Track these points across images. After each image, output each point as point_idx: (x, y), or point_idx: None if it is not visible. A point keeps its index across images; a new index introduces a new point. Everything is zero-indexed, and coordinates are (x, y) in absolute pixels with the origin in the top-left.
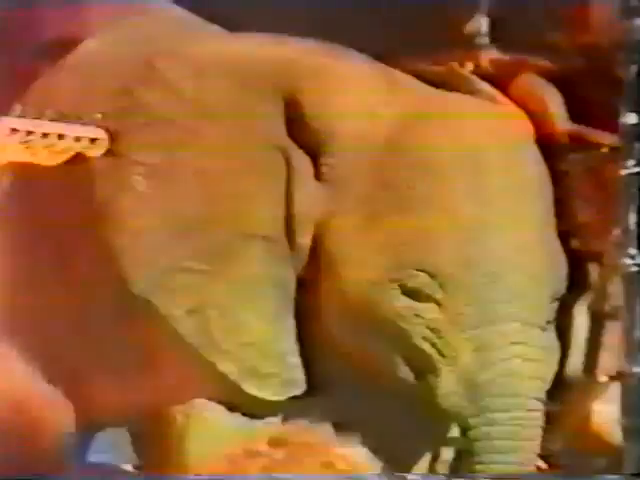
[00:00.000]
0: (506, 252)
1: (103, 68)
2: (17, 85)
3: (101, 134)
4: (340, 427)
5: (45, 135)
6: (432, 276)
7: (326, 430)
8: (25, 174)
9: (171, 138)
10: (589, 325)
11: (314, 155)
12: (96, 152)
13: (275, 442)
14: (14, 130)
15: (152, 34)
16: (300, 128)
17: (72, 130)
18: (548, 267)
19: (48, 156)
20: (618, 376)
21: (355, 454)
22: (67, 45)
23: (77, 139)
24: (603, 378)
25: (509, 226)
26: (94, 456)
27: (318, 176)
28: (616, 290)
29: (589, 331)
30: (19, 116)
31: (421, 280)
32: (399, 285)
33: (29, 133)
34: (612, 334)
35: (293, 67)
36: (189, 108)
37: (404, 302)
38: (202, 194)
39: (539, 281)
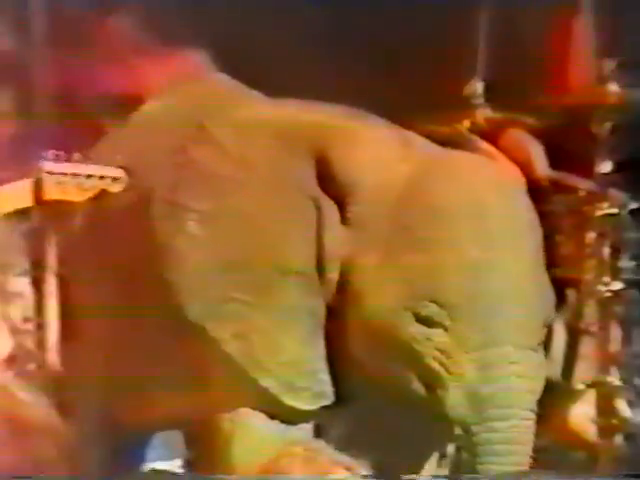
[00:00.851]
0: (504, 286)
1: (162, 128)
2: (81, 135)
3: (121, 173)
4: (362, 431)
5: (75, 175)
6: (441, 306)
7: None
8: (94, 216)
9: (219, 189)
10: (567, 340)
11: (340, 203)
12: (117, 189)
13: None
14: (50, 172)
15: (203, 99)
16: (329, 180)
17: (97, 170)
18: (539, 299)
19: (78, 193)
20: (593, 384)
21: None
22: (130, 103)
23: (101, 177)
24: (580, 385)
25: (507, 264)
26: (153, 452)
27: (344, 221)
28: (590, 311)
29: (567, 345)
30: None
31: (432, 309)
32: (413, 313)
33: (63, 174)
34: (587, 348)
35: (322, 129)
36: (235, 163)
37: (417, 328)
38: (246, 236)
39: (532, 310)
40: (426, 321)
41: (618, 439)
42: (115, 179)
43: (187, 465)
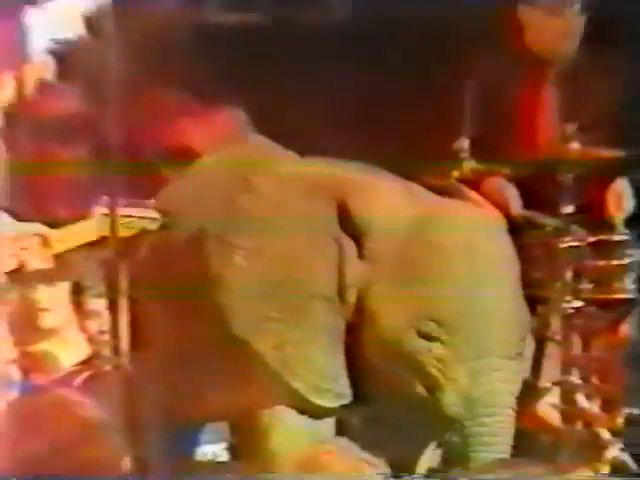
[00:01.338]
0: (491, 308)
1: (214, 179)
2: (148, 184)
3: (156, 214)
4: (373, 424)
5: (124, 216)
6: (439, 325)
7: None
8: (159, 248)
9: (260, 229)
10: (535, 346)
11: (357, 241)
12: (154, 227)
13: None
14: (105, 214)
15: (247, 157)
16: (348, 222)
17: (140, 212)
18: (518, 317)
19: (123, 230)
20: (558, 382)
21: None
22: (188, 156)
23: (141, 218)
24: (547, 383)
25: (493, 290)
26: (205, 437)
27: (360, 255)
28: (556, 323)
29: (535, 350)
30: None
31: (431, 327)
32: (416, 330)
33: (114, 215)
34: (552, 353)
35: (343, 181)
36: (273, 209)
37: (419, 342)
38: (282, 267)
39: (512, 327)
40: (427, 336)
41: (578, 426)
42: (153, 219)
43: (231, 448)
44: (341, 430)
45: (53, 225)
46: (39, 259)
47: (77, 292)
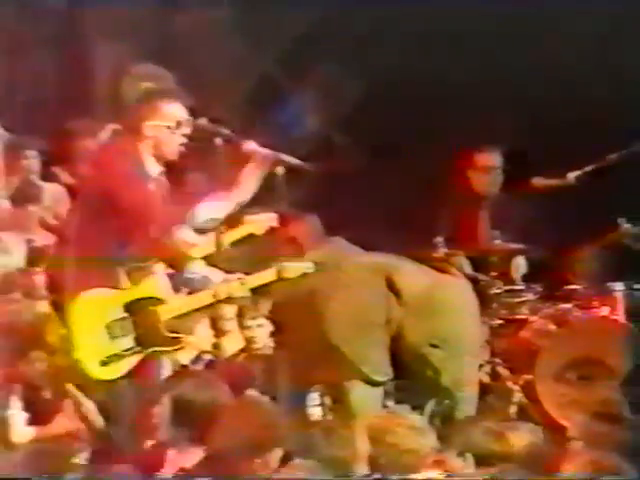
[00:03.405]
0: (469, 332)
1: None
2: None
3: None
4: (402, 391)
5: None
6: (441, 341)
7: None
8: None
9: (348, 292)
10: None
11: (397, 296)
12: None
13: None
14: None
15: (334, 255)
16: (392, 287)
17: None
18: (481, 336)
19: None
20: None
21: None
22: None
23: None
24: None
25: (470, 321)
26: (309, 399)
27: (399, 304)
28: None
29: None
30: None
31: (437, 342)
32: (429, 344)
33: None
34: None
35: (389, 266)
36: (351, 285)
37: (430, 349)
38: (361, 310)
39: (480, 343)
40: (434, 346)
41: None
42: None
43: (322, 404)
44: (385, 394)
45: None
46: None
47: (240, 314)
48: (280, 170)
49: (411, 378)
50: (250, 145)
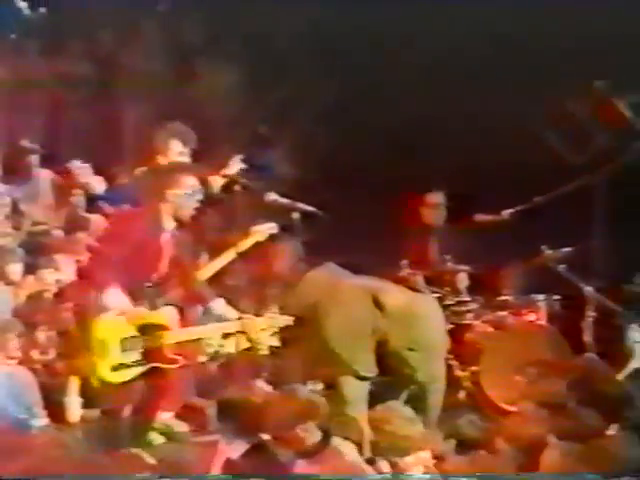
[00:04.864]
0: (439, 337)
1: (314, 290)
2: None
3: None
4: (383, 385)
5: None
6: (417, 347)
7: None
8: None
9: (342, 309)
10: None
11: (382, 311)
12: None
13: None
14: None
15: (329, 276)
16: (378, 304)
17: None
18: (447, 340)
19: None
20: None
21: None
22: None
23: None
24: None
25: (442, 333)
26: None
27: (383, 317)
28: None
29: None
30: None
31: (414, 347)
32: (407, 348)
33: None
34: None
35: (375, 287)
36: (343, 300)
37: (408, 352)
38: (352, 322)
39: (446, 346)
40: (411, 350)
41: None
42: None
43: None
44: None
45: None
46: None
47: None
48: (296, 215)
49: (392, 375)
50: (271, 196)
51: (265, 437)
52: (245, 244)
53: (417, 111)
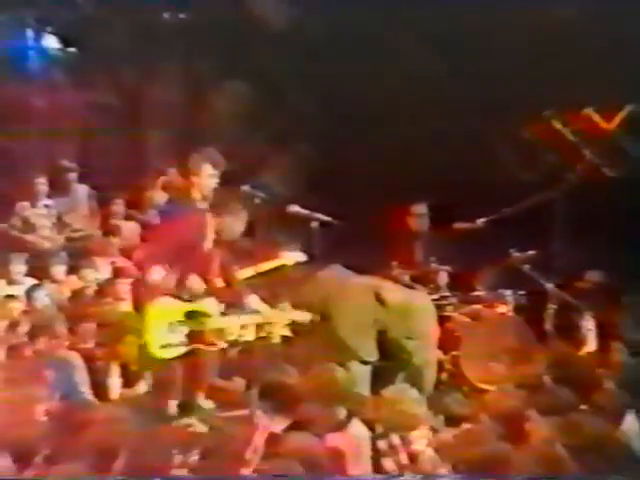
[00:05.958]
0: (431, 330)
1: (321, 286)
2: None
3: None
4: (382, 367)
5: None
6: (413, 335)
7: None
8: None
9: (348, 304)
10: None
11: (382, 305)
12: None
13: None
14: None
15: (336, 276)
16: (379, 299)
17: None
18: (437, 330)
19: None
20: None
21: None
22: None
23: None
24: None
25: (431, 323)
26: None
27: (384, 309)
28: None
29: None
30: None
31: (410, 335)
32: (405, 337)
33: None
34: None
35: (377, 285)
36: (350, 296)
37: (405, 340)
38: (356, 313)
39: (437, 335)
40: (408, 339)
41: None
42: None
43: None
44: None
45: None
46: None
47: None
48: (315, 224)
49: (392, 360)
50: (294, 207)
51: (300, 415)
52: (272, 264)
53: (402, 134)
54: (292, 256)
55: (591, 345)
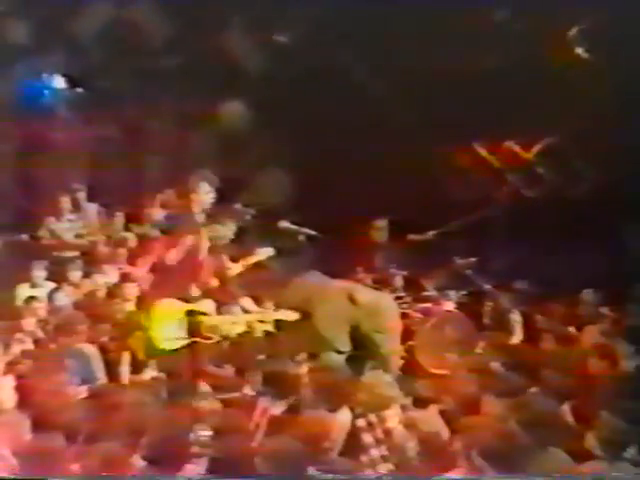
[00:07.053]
0: (395, 324)
1: (302, 289)
2: None
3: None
4: (354, 357)
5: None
6: (379, 329)
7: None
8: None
9: (328, 305)
10: None
11: (354, 304)
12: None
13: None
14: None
15: (315, 280)
16: (353, 300)
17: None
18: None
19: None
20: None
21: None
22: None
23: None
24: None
25: (395, 320)
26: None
27: (355, 308)
28: None
29: None
30: None
31: (377, 330)
32: (374, 331)
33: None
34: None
35: (349, 287)
36: (327, 297)
37: (374, 334)
38: (333, 312)
39: (400, 330)
40: (376, 332)
41: None
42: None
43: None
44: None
45: None
46: None
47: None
48: (302, 237)
49: (362, 350)
50: (284, 223)
51: (298, 398)
52: (251, 260)
53: (362, 158)
54: (264, 252)
55: (519, 335)
